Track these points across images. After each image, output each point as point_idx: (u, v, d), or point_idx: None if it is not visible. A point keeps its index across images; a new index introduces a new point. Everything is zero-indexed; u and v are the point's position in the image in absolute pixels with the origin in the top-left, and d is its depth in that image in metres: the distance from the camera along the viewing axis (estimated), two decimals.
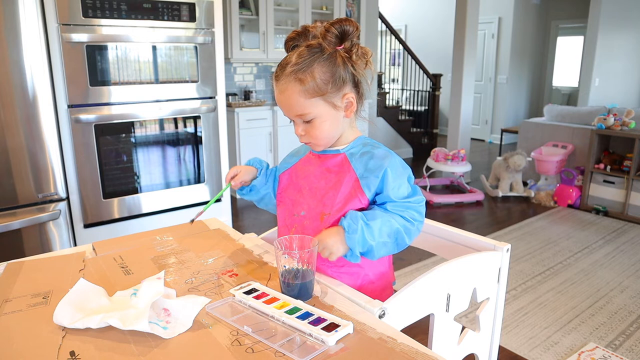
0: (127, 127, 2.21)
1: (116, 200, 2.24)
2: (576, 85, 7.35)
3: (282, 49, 1.03)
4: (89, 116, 2.08)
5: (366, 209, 0.97)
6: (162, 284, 0.85)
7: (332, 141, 1.02)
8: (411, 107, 6.92)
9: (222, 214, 2.59)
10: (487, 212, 4.07)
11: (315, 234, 0.95)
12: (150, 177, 2.33)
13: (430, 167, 4.53)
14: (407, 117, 6.39)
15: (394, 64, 7.96)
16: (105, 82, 2.10)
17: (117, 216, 2.26)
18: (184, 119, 2.37)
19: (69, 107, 2.04)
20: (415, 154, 6.35)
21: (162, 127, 2.32)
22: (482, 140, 7.51)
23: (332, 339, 0.73)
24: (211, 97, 2.44)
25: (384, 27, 6.20)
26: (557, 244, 3.29)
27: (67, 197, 2.11)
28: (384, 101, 6.06)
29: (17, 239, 1.98)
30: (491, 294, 1.16)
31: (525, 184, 4.62)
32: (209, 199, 2.53)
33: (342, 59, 0.94)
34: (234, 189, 1.14)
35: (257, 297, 0.85)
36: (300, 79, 0.92)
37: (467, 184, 4.79)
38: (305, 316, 0.79)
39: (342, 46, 0.94)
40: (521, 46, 7.01)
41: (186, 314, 0.81)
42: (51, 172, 2.02)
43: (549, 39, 7.28)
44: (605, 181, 3.91)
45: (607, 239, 3.37)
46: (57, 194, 2.06)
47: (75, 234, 2.17)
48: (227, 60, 4.17)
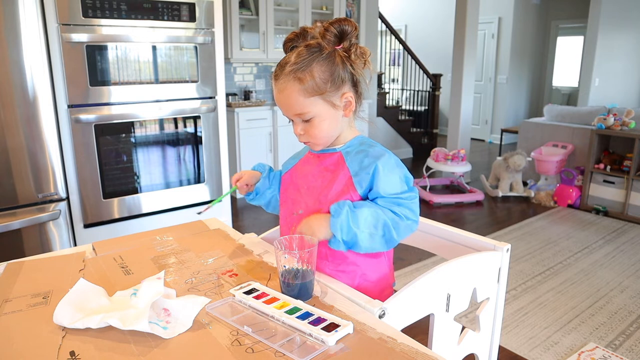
0: (127, 127, 2.21)
1: (116, 200, 2.24)
2: (576, 85, 7.35)
3: (282, 49, 1.03)
4: (89, 116, 2.08)
5: None
6: (162, 284, 0.85)
7: (331, 140, 1.02)
8: (411, 107, 6.92)
9: (222, 214, 2.59)
10: (487, 212, 4.07)
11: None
12: (150, 177, 2.33)
13: (430, 167, 4.53)
14: (407, 117, 6.39)
15: (394, 64, 7.96)
16: (105, 82, 2.10)
17: (117, 216, 2.26)
18: (184, 119, 2.37)
19: (69, 107, 2.04)
20: (415, 154, 6.35)
21: (162, 127, 2.32)
22: (482, 140, 7.51)
23: (332, 339, 0.73)
24: (211, 97, 2.44)
25: (384, 27, 6.20)
26: (557, 244, 3.29)
27: (67, 197, 2.11)
28: (384, 101, 6.06)
29: (17, 239, 1.98)
30: (491, 294, 1.16)
31: (525, 184, 4.62)
32: (209, 198, 2.53)
33: (340, 58, 0.94)
34: (242, 194, 1.18)
35: (257, 297, 0.85)
36: (299, 78, 0.93)
37: (467, 184, 4.79)
38: (305, 316, 0.79)
39: (341, 46, 0.95)
40: (521, 46, 7.01)
41: (186, 314, 0.81)
42: (51, 172, 2.03)
43: (549, 39, 7.28)
44: (605, 181, 3.91)
45: (607, 239, 3.37)
46: (57, 194, 2.06)
47: (75, 234, 2.17)
48: (227, 60, 4.17)
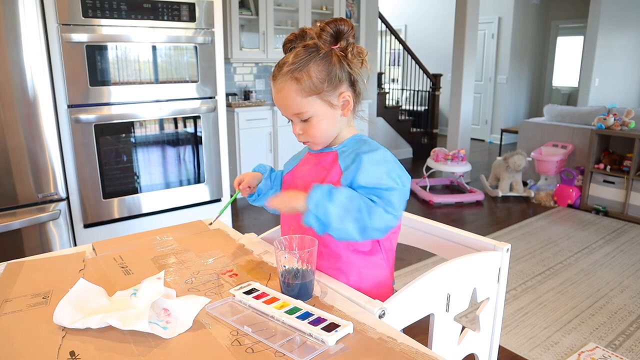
0: (127, 127, 2.21)
1: (116, 200, 2.24)
2: (576, 85, 7.35)
3: (282, 49, 1.03)
4: (89, 116, 2.08)
5: None
6: (162, 284, 0.85)
7: (330, 140, 1.03)
8: (411, 107, 6.91)
9: (222, 214, 2.58)
10: (487, 212, 4.07)
11: (308, 231, 0.95)
12: (150, 177, 2.33)
13: (430, 167, 4.53)
14: (407, 117, 6.39)
15: (394, 64, 7.96)
16: (105, 82, 2.10)
17: (117, 216, 2.26)
18: (184, 119, 2.37)
19: (69, 107, 2.04)
20: (415, 154, 6.35)
21: (162, 127, 2.32)
22: (482, 140, 7.51)
23: (332, 339, 0.73)
24: (211, 97, 2.44)
25: (384, 27, 6.20)
26: (557, 244, 3.29)
27: (67, 197, 2.11)
28: (384, 101, 6.06)
29: (17, 239, 1.98)
30: (491, 294, 1.16)
31: (525, 184, 4.62)
32: (209, 198, 2.54)
33: (337, 57, 0.95)
34: (244, 196, 1.19)
35: (257, 297, 0.85)
36: (296, 78, 0.94)
37: (467, 184, 4.79)
38: (305, 316, 0.79)
39: (338, 45, 0.96)
40: (521, 46, 7.01)
41: (186, 314, 0.81)
42: (51, 172, 2.02)
43: (549, 39, 7.28)
44: (605, 181, 3.91)
45: (607, 239, 3.37)
46: (57, 194, 2.06)
47: (75, 234, 2.17)
48: (227, 60, 4.17)
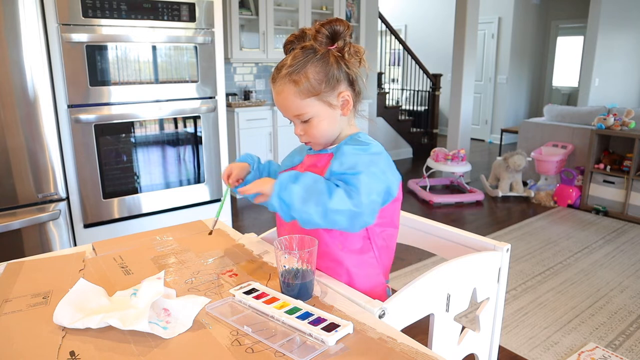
0: (127, 127, 2.21)
1: (116, 200, 2.24)
2: (576, 85, 7.35)
3: (282, 49, 1.04)
4: (89, 116, 2.08)
5: None
6: (162, 284, 0.85)
7: (331, 139, 1.03)
8: (411, 107, 6.91)
9: (222, 214, 2.58)
10: (487, 212, 4.07)
11: (302, 231, 0.95)
12: (150, 177, 2.33)
13: (430, 167, 4.53)
14: (407, 117, 6.39)
15: (394, 64, 7.96)
16: (105, 82, 2.10)
17: (117, 216, 2.26)
18: (184, 119, 2.37)
19: (69, 107, 2.04)
20: (415, 154, 6.35)
21: (162, 127, 2.32)
22: (482, 140, 7.51)
23: (332, 339, 0.73)
24: (211, 97, 2.44)
25: (384, 27, 6.20)
26: (557, 244, 3.29)
27: (67, 197, 2.11)
28: (384, 101, 6.06)
29: (17, 239, 1.98)
30: (491, 294, 1.16)
31: (525, 184, 4.62)
32: (209, 198, 2.53)
33: (334, 58, 0.96)
34: (232, 188, 1.14)
35: (257, 297, 0.85)
36: (294, 80, 0.94)
37: (467, 184, 4.79)
38: (305, 316, 0.79)
39: (335, 46, 0.96)
40: (521, 46, 7.00)
41: (186, 314, 0.81)
42: (51, 172, 2.02)
43: (549, 39, 7.28)
44: (605, 181, 3.91)
45: (607, 239, 3.37)
46: (57, 194, 2.06)
47: (75, 234, 2.17)
48: (227, 60, 4.17)
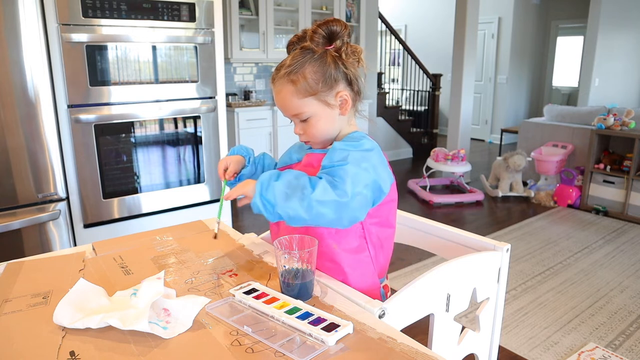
0: (127, 127, 2.21)
1: (116, 200, 2.24)
2: (576, 85, 7.35)
3: (282, 49, 1.04)
4: (89, 116, 2.08)
5: None
6: (162, 284, 0.85)
7: (330, 139, 1.03)
8: (411, 107, 6.91)
9: (222, 213, 2.59)
10: (487, 212, 4.07)
11: (294, 231, 0.95)
12: (150, 177, 2.33)
13: (430, 167, 4.53)
14: (407, 117, 6.39)
15: (394, 64, 7.96)
16: (105, 82, 2.10)
17: (117, 216, 2.26)
18: (184, 119, 2.37)
19: (69, 107, 2.04)
20: (415, 154, 6.35)
21: (162, 127, 2.32)
22: (482, 140, 7.51)
23: (332, 339, 0.73)
24: (211, 97, 2.44)
25: (384, 27, 6.20)
26: (557, 244, 3.29)
27: (67, 197, 2.11)
28: (384, 101, 6.06)
29: (17, 239, 1.98)
30: (491, 294, 1.16)
31: (525, 184, 4.62)
32: (209, 198, 2.53)
33: (332, 58, 0.96)
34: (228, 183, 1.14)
35: (257, 297, 0.85)
36: (292, 80, 0.96)
37: (467, 184, 4.79)
38: (305, 316, 0.79)
39: (333, 46, 0.97)
40: (521, 46, 7.00)
41: (186, 314, 0.81)
42: (51, 172, 2.02)
43: (549, 39, 7.28)
44: (605, 181, 3.91)
45: (607, 239, 3.37)
46: (57, 194, 2.06)
47: (75, 234, 2.17)
48: (227, 60, 4.16)
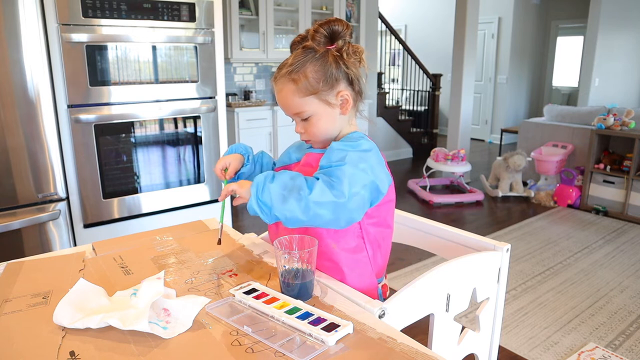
0: (127, 127, 2.21)
1: (116, 200, 2.24)
2: (576, 85, 7.35)
3: (282, 49, 1.04)
4: (89, 116, 2.08)
5: None
6: (162, 284, 0.85)
7: (330, 138, 1.03)
8: (411, 107, 6.91)
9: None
10: (487, 212, 4.07)
11: (292, 231, 0.95)
12: (150, 177, 2.33)
13: (430, 167, 4.53)
14: (407, 117, 6.39)
15: (394, 64, 7.96)
16: (105, 82, 2.10)
17: (117, 216, 2.26)
18: (184, 119, 2.37)
19: (69, 107, 2.04)
20: (415, 154, 6.35)
21: (162, 127, 2.32)
22: (482, 140, 7.51)
23: (332, 339, 0.73)
24: (211, 97, 2.44)
25: (384, 27, 6.20)
26: (557, 244, 3.29)
27: (67, 197, 2.11)
28: (384, 101, 6.06)
29: (17, 239, 1.98)
30: (491, 294, 1.16)
31: (525, 184, 4.62)
32: (209, 198, 2.53)
33: (333, 57, 0.97)
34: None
35: (257, 297, 0.85)
36: (293, 79, 0.96)
37: (467, 184, 4.79)
38: (305, 316, 0.79)
39: (334, 45, 0.97)
40: (521, 46, 7.00)
41: (186, 314, 0.81)
42: (51, 172, 2.02)
43: (549, 39, 7.28)
44: (605, 181, 3.91)
45: (607, 239, 3.37)
46: (57, 194, 2.06)
47: (75, 234, 2.16)
48: (227, 60, 4.16)
